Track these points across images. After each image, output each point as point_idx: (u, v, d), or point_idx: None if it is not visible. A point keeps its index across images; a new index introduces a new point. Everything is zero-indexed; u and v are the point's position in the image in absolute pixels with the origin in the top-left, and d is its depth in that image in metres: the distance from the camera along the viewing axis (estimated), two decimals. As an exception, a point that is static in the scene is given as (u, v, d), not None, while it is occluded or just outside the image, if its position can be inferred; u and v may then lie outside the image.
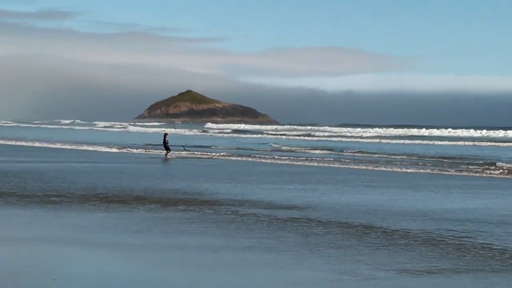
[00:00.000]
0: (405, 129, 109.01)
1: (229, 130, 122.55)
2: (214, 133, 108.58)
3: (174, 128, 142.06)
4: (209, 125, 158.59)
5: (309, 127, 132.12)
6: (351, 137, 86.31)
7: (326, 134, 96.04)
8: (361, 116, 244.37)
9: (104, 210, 18.32)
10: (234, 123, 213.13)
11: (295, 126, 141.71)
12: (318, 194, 22.59)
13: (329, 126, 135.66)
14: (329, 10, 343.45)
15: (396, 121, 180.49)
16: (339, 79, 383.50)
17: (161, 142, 45.89)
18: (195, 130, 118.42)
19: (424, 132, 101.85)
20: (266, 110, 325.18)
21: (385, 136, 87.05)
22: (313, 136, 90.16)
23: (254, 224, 16.13)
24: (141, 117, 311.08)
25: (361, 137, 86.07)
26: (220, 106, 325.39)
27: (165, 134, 45.95)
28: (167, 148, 44.23)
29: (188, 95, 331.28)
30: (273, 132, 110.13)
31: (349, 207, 19.27)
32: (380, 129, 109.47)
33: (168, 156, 43.09)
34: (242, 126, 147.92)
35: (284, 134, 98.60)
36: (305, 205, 19.55)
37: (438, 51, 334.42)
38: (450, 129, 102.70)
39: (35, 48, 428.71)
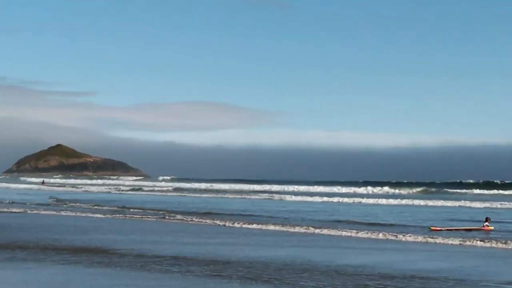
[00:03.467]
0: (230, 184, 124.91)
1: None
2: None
3: (43, 183, 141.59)
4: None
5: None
6: (147, 190, 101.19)
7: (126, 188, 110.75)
8: (231, 170, 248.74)
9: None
10: (106, 178, 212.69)
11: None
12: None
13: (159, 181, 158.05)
14: (199, 65, 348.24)
15: (254, 176, 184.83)
16: (210, 134, 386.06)
17: None
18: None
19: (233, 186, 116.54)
20: (137, 164, 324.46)
21: (179, 189, 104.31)
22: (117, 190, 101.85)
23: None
24: (9, 172, 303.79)
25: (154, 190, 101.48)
26: (91, 160, 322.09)
27: None
28: None
29: (58, 149, 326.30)
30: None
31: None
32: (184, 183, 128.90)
33: None
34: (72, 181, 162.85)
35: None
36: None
37: (307, 108, 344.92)
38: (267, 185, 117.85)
39: None
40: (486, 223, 35.91)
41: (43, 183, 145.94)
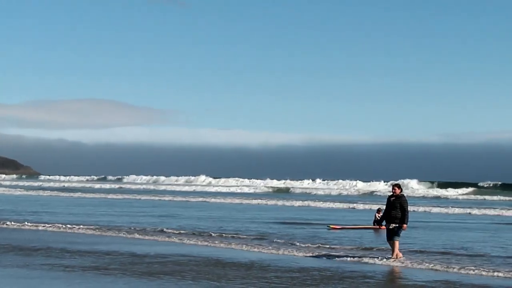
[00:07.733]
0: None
1: None
2: None
3: None
4: None
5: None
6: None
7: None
8: (119, 168, 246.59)
9: None
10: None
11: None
12: None
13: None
14: (91, 62, 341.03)
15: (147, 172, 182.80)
16: (102, 132, 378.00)
17: None
18: None
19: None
20: (28, 162, 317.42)
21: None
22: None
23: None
24: None
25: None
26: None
27: None
28: None
29: None
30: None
31: None
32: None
33: None
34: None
35: None
36: None
37: (200, 106, 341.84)
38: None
39: None
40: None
41: None
